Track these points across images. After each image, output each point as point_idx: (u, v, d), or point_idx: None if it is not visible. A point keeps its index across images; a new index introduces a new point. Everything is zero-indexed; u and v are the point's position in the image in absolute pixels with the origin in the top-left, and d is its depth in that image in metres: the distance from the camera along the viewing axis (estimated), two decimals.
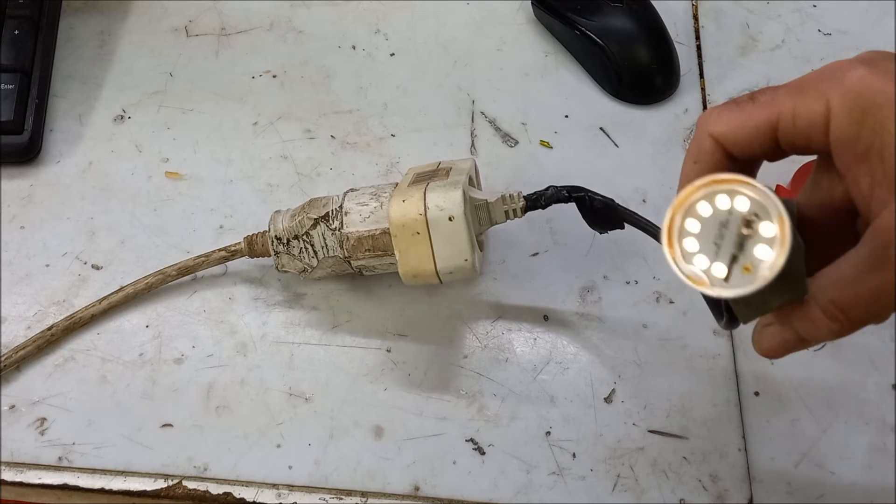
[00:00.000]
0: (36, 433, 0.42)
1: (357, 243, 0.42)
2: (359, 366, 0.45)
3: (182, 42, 0.56)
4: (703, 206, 0.28)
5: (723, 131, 0.31)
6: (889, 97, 0.27)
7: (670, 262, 0.28)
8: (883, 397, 0.44)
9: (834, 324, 0.29)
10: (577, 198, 0.42)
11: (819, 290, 0.30)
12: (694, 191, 0.28)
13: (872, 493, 0.41)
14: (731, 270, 0.28)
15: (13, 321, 0.45)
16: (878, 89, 0.28)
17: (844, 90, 0.28)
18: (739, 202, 0.28)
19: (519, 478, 0.42)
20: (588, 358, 0.45)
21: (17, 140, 0.49)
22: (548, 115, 0.53)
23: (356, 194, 0.43)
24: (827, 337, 0.30)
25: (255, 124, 0.53)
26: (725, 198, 0.28)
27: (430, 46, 0.56)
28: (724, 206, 0.28)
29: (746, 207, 0.28)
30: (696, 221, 0.28)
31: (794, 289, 0.30)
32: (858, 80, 0.28)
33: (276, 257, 0.44)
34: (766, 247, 0.27)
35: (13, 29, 0.52)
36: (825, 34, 0.57)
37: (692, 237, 0.28)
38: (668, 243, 0.28)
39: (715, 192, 0.28)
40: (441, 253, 0.40)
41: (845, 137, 0.28)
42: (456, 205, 0.40)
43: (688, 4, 0.59)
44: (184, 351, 0.45)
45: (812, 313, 0.30)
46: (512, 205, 0.43)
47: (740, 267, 0.28)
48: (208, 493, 0.41)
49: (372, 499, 0.41)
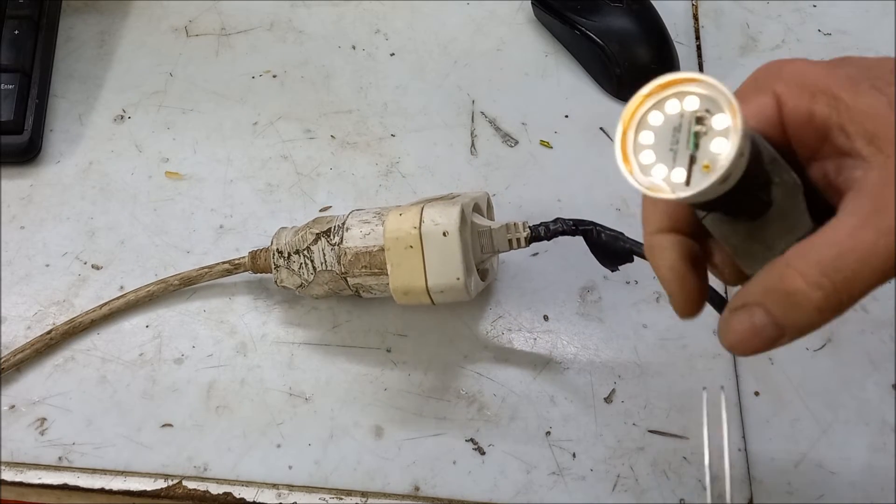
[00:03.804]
0: (36, 433, 0.42)
1: (354, 259, 0.42)
2: (359, 366, 0.45)
3: (182, 42, 0.56)
4: (655, 116, 0.27)
5: None
6: (832, 76, 0.27)
7: (628, 178, 0.27)
8: (883, 397, 0.44)
9: (816, 293, 0.26)
10: (585, 231, 0.41)
11: (797, 256, 0.26)
12: (641, 101, 0.27)
13: (872, 493, 0.41)
14: (692, 172, 0.26)
15: (13, 321, 0.45)
16: (820, 73, 0.28)
17: (787, 79, 0.28)
18: (689, 102, 0.26)
19: (519, 478, 0.42)
20: (588, 358, 0.45)
21: (17, 140, 0.49)
22: (548, 115, 0.53)
23: (360, 213, 0.43)
24: (809, 317, 0.26)
25: (255, 124, 0.53)
26: (675, 101, 0.27)
27: (430, 46, 0.56)
28: (675, 111, 0.27)
29: (696, 105, 0.26)
30: (649, 132, 0.27)
31: (797, 225, 0.28)
32: (801, 68, 0.28)
33: (275, 271, 0.44)
34: (722, 139, 0.26)
35: (13, 29, 0.52)
36: (825, 34, 0.57)
37: (648, 149, 0.27)
38: (623, 160, 0.27)
39: (664, 99, 0.27)
40: (433, 269, 0.39)
41: (800, 119, 0.28)
42: (452, 221, 0.39)
43: (688, 4, 0.59)
44: (184, 351, 0.45)
45: (790, 283, 0.26)
46: (516, 234, 0.41)
47: (699, 167, 0.26)
48: (208, 493, 0.41)
49: (372, 499, 0.41)
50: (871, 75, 0.27)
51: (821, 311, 0.26)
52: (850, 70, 0.28)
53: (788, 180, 0.28)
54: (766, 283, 0.27)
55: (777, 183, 0.28)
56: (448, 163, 0.51)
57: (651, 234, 0.31)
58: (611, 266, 0.42)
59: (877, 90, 0.27)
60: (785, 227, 0.28)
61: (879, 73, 0.27)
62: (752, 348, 0.28)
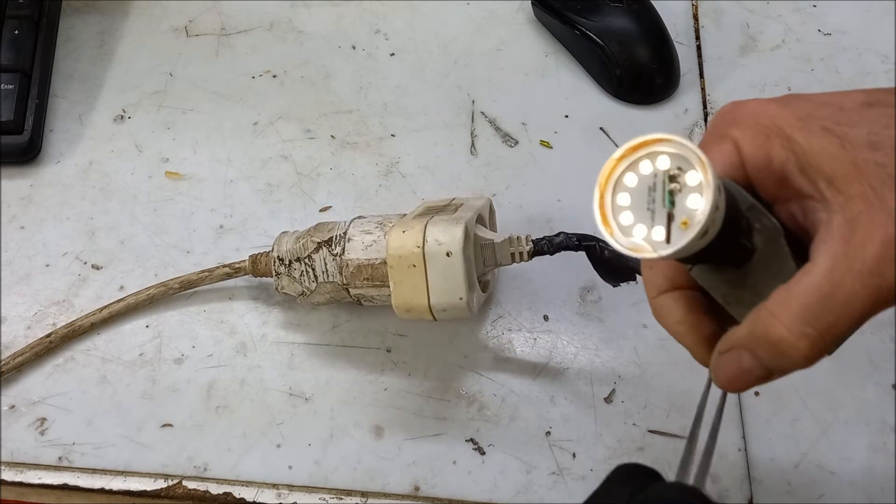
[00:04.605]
0: (36, 433, 0.42)
1: (356, 271, 0.41)
2: (359, 366, 0.45)
3: (182, 42, 0.56)
4: (629, 177, 0.28)
5: None
6: (783, 115, 0.28)
7: (609, 240, 0.28)
8: (883, 397, 0.44)
9: (802, 341, 0.27)
10: (588, 247, 0.41)
11: (780, 305, 0.27)
12: (615, 164, 0.28)
13: (872, 493, 0.41)
14: (671, 230, 0.27)
15: (13, 321, 0.45)
16: (773, 113, 0.28)
17: (742, 123, 0.29)
18: (661, 161, 0.27)
19: (519, 478, 0.42)
20: (588, 358, 0.45)
21: (17, 140, 0.49)
22: (548, 115, 0.53)
23: (362, 222, 0.43)
24: (796, 363, 0.27)
25: (255, 124, 0.53)
26: (647, 162, 0.27)
27: (430, 46, 0.56)
28: (648, 171, 0.27)
29: (668, 164, 0.27)
30: (625, 194, 0.28)
31: (782, 269, 0.28)
32: (754, 110, 0.29)
33: (276, 278, 0.44)
34: (697, 195, 0.26)
35: (13, 29, 0.52)
36: (825, 34, 0.57)
37: (626, 210, 0.28)
38: (603, 222, 0.28)
39: (637, 160, 0.28)
40: (436, 289, 0.39)
41: (760, 164, 0.28)
42: (455, 241, 0.39)
43: (688, 4, 0.59)
44: (184, 351, 0.45)
45: (775, 333, 0.27)
46: (519, 248, 0.41)
47: (678, 223, 0.27)
48: (208, 493, 0.41)
49: (372, 499, 0.41)
50: (821, 115, 0.28)
51: (807, 358, 0.27)
52: (800, 108, 0.28)
53: (769, 224, 0.29)
54: (752, 331, 0.28)
55: (758, 229, 0.29)
56: (448, 163, 0.51)
57: (653, 297, 0.32)
58: (613, 282, 0.42)
59: (827, 131, 0.27)
60: (770, 272, 0.29)
61: (827, 113, 0.28)
62: (743, 387, 0.30)
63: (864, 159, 0.27)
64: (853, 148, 0.27)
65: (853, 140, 0.27)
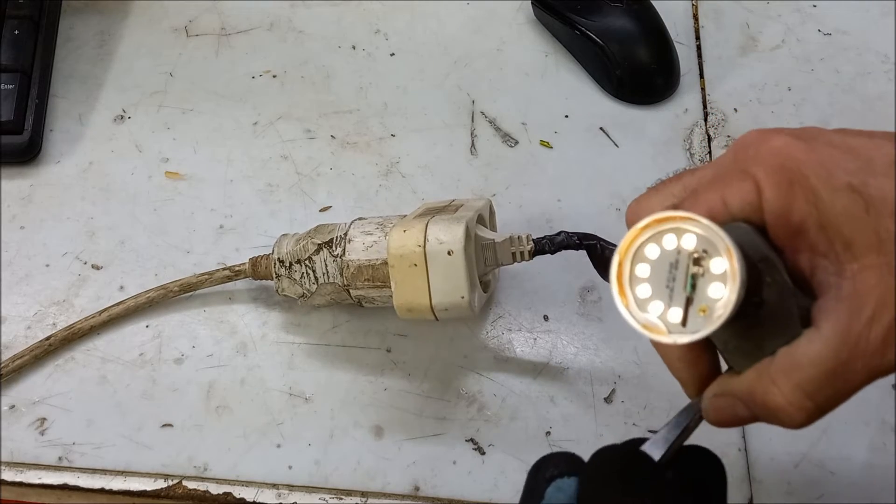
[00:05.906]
0: (36, 433, 0.42)
1: (357, 272, 0.41)
2: (359, 366, 0.45)
3: (182, 42, 0.56)
4: (651, 249, 0.27)
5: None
6: (809, 161, 0.27)
7: (624, 313, 0.27)
8: (883, 397, 0.44)
9: (799, 413, 0.27)
10: (588, 246, 0.41)
11: (781, 374, 0.27)
12: (638, 233, 0.27)
13: (872, 493, 0.41)
14: (688, 313, 0.26)
15: (13, 321, 0.45)
16: (799, 157, 0.27)
17: (766, 163, 0.28)
18: (686, 240, 0.26)
19: (519, 478, 0.42)
20: (588, 358, 0.45)
21: (17, 140, 0.49)
22: (548, 115, 0.53)
23: (363, 223, 0.43)
24: (787, 426, 0.28)
25: (255, 124, 0.53)
26: (672, 237, 0.27)
27: (430, 46, 0.56)
28: (672, 246, 0.27)
29: (693, 244, 0.26)
30: (645, 265, 0.27)
31: (788, 328, 0.28)
32: (779, 150, 0.28)
33: (277, 280, 0.44)
34: (720, 284, 0.26)
35: (13, 29, 0.52)
36: (825, 34, 0.57)
37: (644, 282, 0.27)
38: (619, 292, 0.27)
39: (661, 233, 0.27)
40: (437, 288, 0.39)
41: (778, 212, 0.27)
42: (456, 239, 0.39)
43: (688, 4, 0.59)
44: (184, 351, 0.45)
45: (774, 401, 0.27)
46: (520, 247, 0.41)
47: (696, 309, 0.26)
48: (208, 493, 0.41)
49: (372, 499, 0.41)
50: (849, 167, 0.27)
51: (801, 425, 0.28)
52: (826, 154, 0.27)
53: (780, 281, 0.28)
54: (751, 391, 0.29)
55: (769, 283, 0.28)
56: (448, 163, 0.51)
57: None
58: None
59: (853, 190, 0.26)
60: (776, 329, 0.28)
61: (856, 167, 0.27)
62: (732, 426, 0.31)
63: (886, 229, 0.26)
64: (877, 214, 0.26)
65: (878, 206, 0.26)
